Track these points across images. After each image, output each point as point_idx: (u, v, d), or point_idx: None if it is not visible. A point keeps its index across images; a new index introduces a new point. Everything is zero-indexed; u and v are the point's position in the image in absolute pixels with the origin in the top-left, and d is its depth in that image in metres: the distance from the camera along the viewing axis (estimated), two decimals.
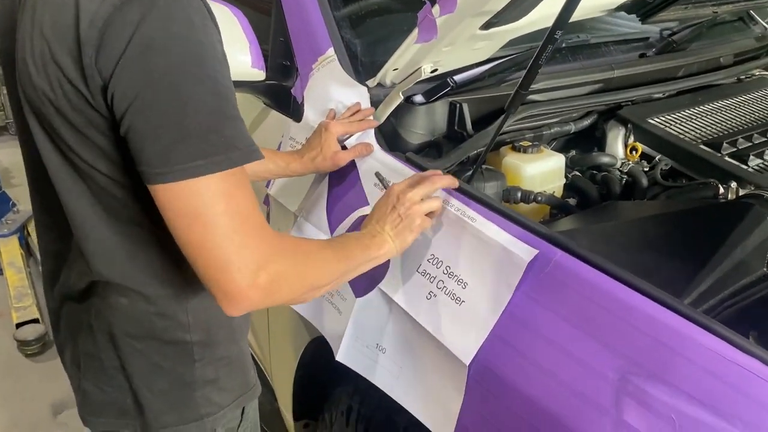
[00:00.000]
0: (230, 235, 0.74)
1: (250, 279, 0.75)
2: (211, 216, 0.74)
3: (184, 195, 0.73)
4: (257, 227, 0.77)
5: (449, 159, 1.26)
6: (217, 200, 0.74)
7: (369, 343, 1.11)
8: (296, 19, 1.46)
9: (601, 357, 0.86)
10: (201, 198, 0.73)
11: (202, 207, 0.73)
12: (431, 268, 1.03)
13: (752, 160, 1.38)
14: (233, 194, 0.75)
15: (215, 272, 0.75)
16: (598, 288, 0.89)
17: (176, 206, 0.74)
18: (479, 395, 0.96)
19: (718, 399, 0.77)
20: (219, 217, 0.74)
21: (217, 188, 0.74)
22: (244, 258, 0.75)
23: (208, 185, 0.73)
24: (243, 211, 0.76)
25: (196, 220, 0.74)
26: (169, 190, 0.73)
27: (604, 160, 1.43)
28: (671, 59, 1.69)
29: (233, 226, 0.75)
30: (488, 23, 1.14)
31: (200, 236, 0.74)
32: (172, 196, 0.74)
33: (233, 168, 0.75)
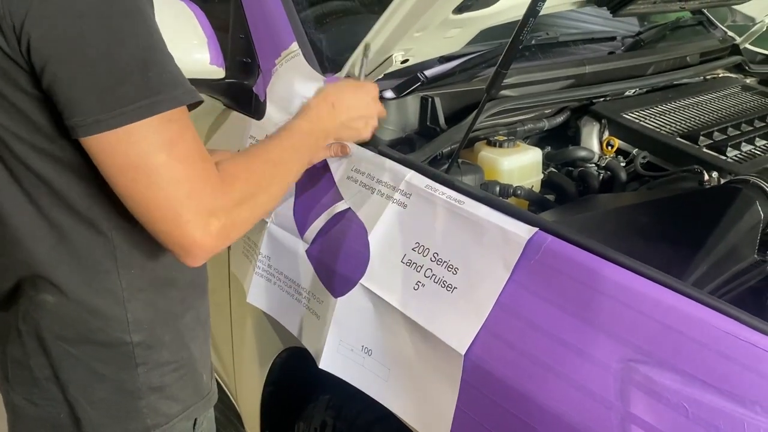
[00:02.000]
0: (176, 185, 0.69)
1: (203, 228, 0.71)
2: (154, 166, 0.68)
3: (124, 144, 0.67)
4: (203, 173, 0.72)
5: (423, 153, 1.20)
6: (159, 147, 0.68)
7: (354, 346, 1.02)
8: (257, 14, 1.39)
9: (602, 346, 0.79)
10: (142, 145, 0.67)
11: (144, 156, 0.67)
12: (416, 256, 0.96)
13: (730, 151, 1.35)
14: (176, 139, 0.69)
15: (165, 226, 0.71)
16: (595, 272, 0.83)
17: (116, 159, 0.68)
18: (471, 396, 0.88)
19: (734, 383, 0.71)
20: (163, 167, 0.68)
21: (158, 133, 0.68)
22: (192, 208, 0.70)
23: (148, 130, 0.67)
24: (188, 157, 0.70)
25: (139, 171, 0.68)
26: (105, 141, 0.67)
27: (581, 155, 1.38)
28: (641, 56, 1.68)
29: (178, 176, 0.69)
30: (461, 7, 1.09)
31: (144, 190, 0.69)
32: (109, 148, 0.67)
33: (174, 108, 0.69)
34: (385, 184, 1.05)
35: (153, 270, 0.85)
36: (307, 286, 1.13)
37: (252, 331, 1.42)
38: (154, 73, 0.68)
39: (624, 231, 1.10)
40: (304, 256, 1.12)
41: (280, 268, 1.20)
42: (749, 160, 1.34)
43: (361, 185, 1.09)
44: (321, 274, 1.10)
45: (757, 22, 1.99)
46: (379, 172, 1.08)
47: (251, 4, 1.40)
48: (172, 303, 0.88)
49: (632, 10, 1.43)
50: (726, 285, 1.04)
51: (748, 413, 0.69)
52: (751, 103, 1.68)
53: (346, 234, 1.07)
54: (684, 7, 1.57)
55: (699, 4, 1.61)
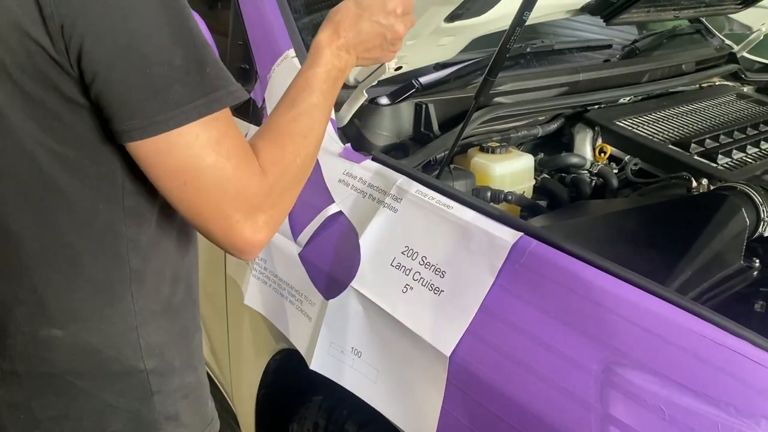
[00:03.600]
0: (224, 186, 0.68)
1: (252, 225, 0.71)
2: (204, 167, 0.67)
3: (176, 146, 0.66)
4: (248, 169, 0.70)
5: (416, 158, 1.22)
6: (208, 147, 0.67)
7: (344, 347, 1.04)
8: (255, 21, 1.42)
9: (583, 349, 0.81)
10: (193, 147, 0.66)
11: (195, 157, 0.67)
12: (406, 260, 0.97)
13: (721, 159, 1.37)
14: (222, 137, 0.68)
15: (217, 228, 0.70)
16: (577, 277, 0.85)
17: (168, 161, 0.66)
18: (457, 398, 0.90)
19: (709, 385, 0.72)
20: (211, 168, 0.67)
21: (207, 132, 0.66)
22: (241, 208, 0.70)
23: (199, 130, 0.66)
24: (233, 155, 0.69)
25: (188, 174, 0.67)
26: (160, 143, 0.65)
27: (573, 161, 1.40)
28: (636, 64, 1.70)
29: (227, 175, 0.68)
30: (453, 15, 1.11)
31: (195, 192, 0.68)
32: (163, 149, 0.66)
33: (220, 110, 0.67)
34: (377, 189, 1.07)
35: (166, 295, 0.81)
36: (299, 288, 1.14)
37: (247, 334, 1.44)
38: (211, 70, 0.67)
39: (612, 236, 1.12)
40: (297, 259, 1.14)
41: (275, 270, 1.22)
42: (739, 167, 1.35)
43: (353, 189, 1.11)
44: (313, 276, 1.12)
45: (754, 30, 2.01)
46: (371, 177, 1.10)
47: (249, 11, 1.43)
48: (184, 324, 0.85)
49: (625, 19, 1.44)
50: (712, 290, 1.05)
51: (722, 415, 0.70)
52: (745, 111, 1.70)
53: (338, 237, 1.09)
54: (678, 16, 1.59)
55: (693, 13, 1.63)
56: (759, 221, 1.11)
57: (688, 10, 1.59)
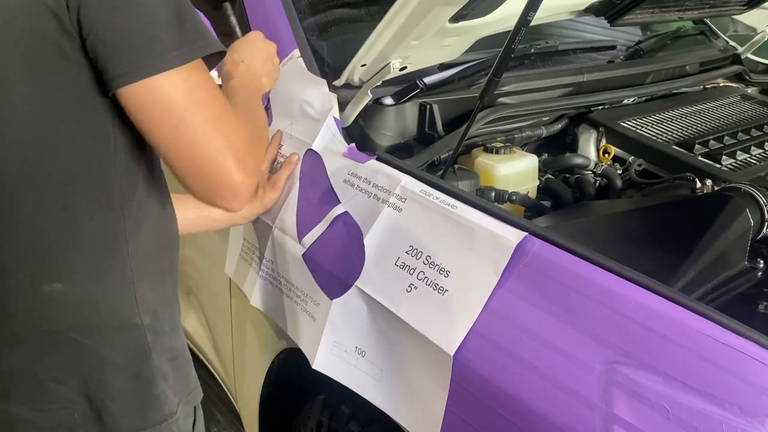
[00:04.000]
0: (216, 132, 0.75)
1: (244, 169, 0.78)
2: (193, 112, 0.73)
3: (161, 91, 0.72)
4: (232, 118, 0.77)
5: (420, 158, 1.22)
6: (194, 92, 0.73)
7: (347, 347, 1.04)
8: (260, 22, 1.42)
9: (587, 348, 0.81)
10: (178, 89, 0.72)
11: (181, 101, 0.73)
12: (410, 259, 0.98)
13: (725, 160, 1.37)
14: (206, 86, 0.75)
15: (211, 175, 0.77)
16: (580, 277, 0.85)
17: (155, 106, 0.72)
18: (461, 397, 0.90)
19: (714, 385, 0.72)
20: (201, 111, 0.74)
21: (192, 80, 0.73)
22: (233, 151, 0.76)
23: (183, 77, 0.72)
24: (217, 103, 0.76)
25: (178, 117, 0.73)
26: (143, 89, 0.71)
27: (578, 162, 1.40)
28: (640, 65, 1.70)
29: (216, 122, 0.75)
30: (458, 16, 1.11)
31: (187, 138, 0.74)
32: (147, 96, 0.72)
33: (202, 56, 0.74)
34: (381, 189, 1.08)
35: (156, 258, 0.86)
36: (304, 288, 1.15)
37: (251, 333, 1.45)
38: (190, 24, 0.74)
39: (616, 237, 1.12)
40: (301, 260, 1.15)
41: (282, 272, 1.23)
42: (743, 168, 1.35)
43: (358, 189, 1.11)
44: (317, 276, 1.12)
45: (759, 32, 2.01)
46: (375, 177, 1.10)
47: (254, 11, 1.44)
48: (169, 290, 0.90)
49: (629, 20, 1.44)
50: (716, 291, 1.05)
51: (726, 414, 0.70)
52: (750, 112, 1.70)
53: (343, 237, 1.09)
54: (682, 17, 1.59)
55: (697, 14, 1.63)
56: (763, 222, 1.11)
57: (693, 11, 1.59)
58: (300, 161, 1.22)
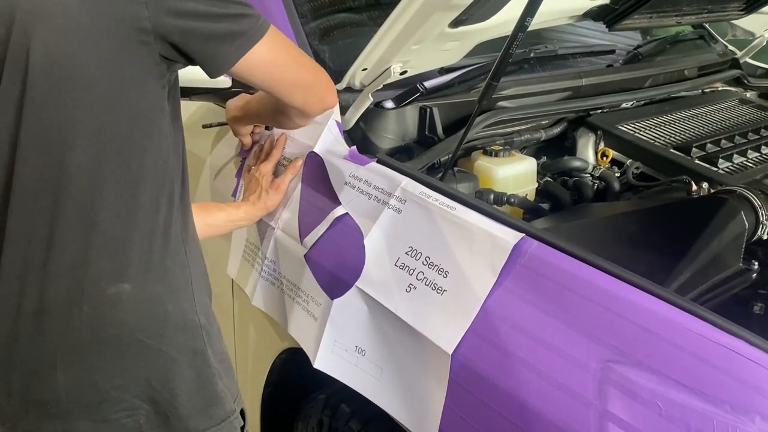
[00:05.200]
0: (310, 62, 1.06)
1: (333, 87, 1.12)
2: (294, 53, 0.99)
3: (270, 47, 0.89)
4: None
5: (420, 161, 1.24)
6: (285, 46, 0.96)
7: (348, 346, 1.06)
8: None
9: (582, 347, 0.83)
10: (277, 44, 0.92)
11: (285, 49, 0.96)
12: (409, 260, 1.00)
13: (722, 163, 1.38)
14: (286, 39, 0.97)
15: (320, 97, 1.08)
16: (576, 277, 0.87)
17: (270, 59, 0.91)
18: (459, 395, 0.92)
19: (705, 383, 0.74)
20: (295, 50, 1.00)
21: (278, 38, 0.93)
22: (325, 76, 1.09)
23: (274, 36, 0.90)
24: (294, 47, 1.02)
25: (290, 58, 0.98)
26: (255, 54, 0.87)
27: (576, 165, 1.42)
28: (638, 69, 1.71)
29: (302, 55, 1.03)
30: (457, 21, 1.13)
31: (298, 71, 1.00)
32: (260, 55, 0.88)
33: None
34: (382, 191, 1.09)
35: (201, 259, 0.93)
36: (305, 288, 1.17)
37: (253, 333, 1.47)
38: (251, 10, 0.87)
39: (613, 238, 1.14)
40: (303, 260, 1.16)
41: (283, 272, 1.25)
42: (740, 171, 1.37)
43: (359, 191, 1.13)
44: (319, 276, 1.14)
45: (757, 36, 2.02)
46: (376, 179, 1.12)
47: None
48: (208, 290, 0.94)
49: (628, 25, 1.46)
50: (711, 292, 1.07)
51: (718, 412, 0.72)
52: (748, 116, 1.71)
53: (343, 238, 1.11)
54: (680, 22, 1.60)
55: (695, 19, 1.64)
56: (758, 224, 1.13)
57: (691, 16, 1.60)
58: (303, 164, 1.24)
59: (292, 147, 1.30)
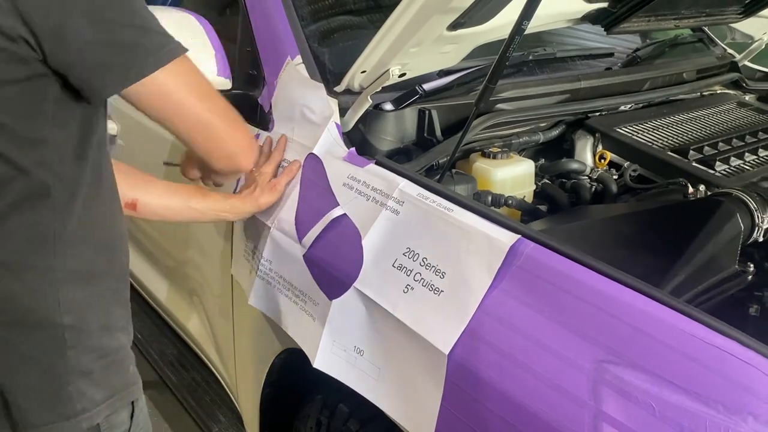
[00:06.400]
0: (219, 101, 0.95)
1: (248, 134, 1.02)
2: (200, 89, 0.89)
3: (166, 78, 0.83)
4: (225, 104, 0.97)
5: (419, 163, 1.25)
6: (195, 83, 0.88)
7: (346, 346, 1.07)
8: (263, 28, 1.45)
9: (577, 348, 0.84)
10: (179, 76, 0.85)
11: (179, 92, 0.86)
12: (407, 261, 1.00)
13: (719, 166, 1.39)
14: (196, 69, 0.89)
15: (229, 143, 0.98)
16: (571, 278, 0.88)
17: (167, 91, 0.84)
18: (456, 395, 0.92)
19: (698, 383, 0.75)
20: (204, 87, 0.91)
21: (185, 67, 0.86)
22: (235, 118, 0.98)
23: (180, 67, 0.84)
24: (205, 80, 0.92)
25: (194, 96, 0.88)
26: (150, 82, 0.81)
27: (573, 167, 1.43)
28: (637, 72, 1.72)
29: (215, 93, 0.94)
30: (456, 24, 1.14)
31: (200, 113, 0.90)
32: (157, 84, 0.82)
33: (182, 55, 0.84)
34: (380, 192, 1.10)
35: (89, 259, 0.87)
36: (304, 288, 1.17)
37: (252, 333, 1.47)
38: (160, 29, 0.81)
39: (610, 240, 1.14)
40: (302, 260, 1.17)
41: (280, 271, 1.25)
42: (737, 174, 1.37)
43: (357, 192, 1.14)
44: (317, 277, 1.15)
45: (756, 40, 2.03)
46: (374, 180, 1.13)
47: (258, 18, 1.47)
48: (105, 292, 0.90)
49: (626, 28, 1.47)
50: (707, 293, 1.07)
51: (710, 412, 0.73)
52: (746, 119, 1.72)
53: (342, 239, 1.12)
54: (678, 25, 1.61)
55: (693, 23, 1.65)
56: (754, 226, 1.13)
57: (689, 19, 1.61)
58: (301, 167, 1.25)
59: (290, 149, 1.30)
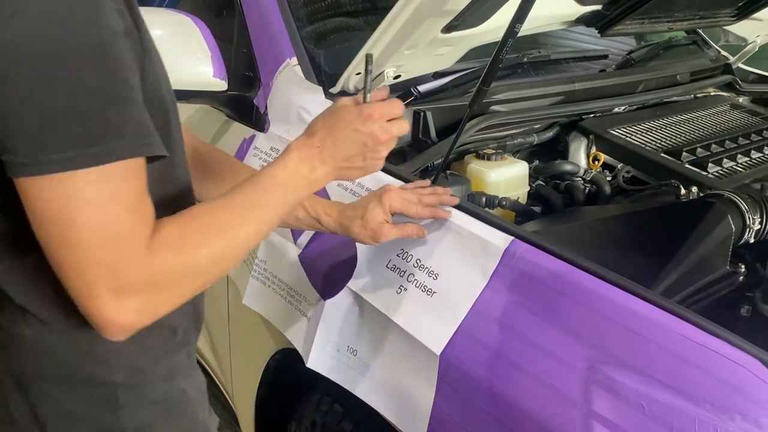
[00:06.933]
0: (91, 251, 0.61)
1: (116, 305, 0.63)
2: (74, 225, 0.60)
3: (49, 193, 0.59)
4: (129, 241, 0.62)
5: (413, 164, 1.25)
6: (85, 203, 0.60)
7: (340, 346, 1.08)
8: (259, 30, 1.46)
9: (569, 348, 0.84)
10: (67, 199, 0.59)
11: (66, 210, 0.60)
12: (401, 262, 1.01)
13: (711, 167, 1.40)
14: (108, 198, 0.61)
15: (77, 293, 0.63)
16: (563, 278, 0.88)
17: (38, 206, 0.60)
18: (448, 395, 0.93)
19: (688, 383, 0.76)
20: (83, 228, 0.60)
21: (89, 188, 0.60)
22: (105, 281, 0.62)
23: (78, 183, 0.59)
24: (116, 222, 0.62)
25: (59, 226, 0.60)
26: (32, 186, 0.59)
27: (567, 168, 1.43)
28: (630, 74, 1.73)
29: (98, 241, 0.61)
30: (450, 26, 1.15)
31: (62, 249, 0.61)
32: (34, 193, 0.60)
33: (114, 162, 0.60)
34: None
35: None
36: (298, 289, 1.18)
37: (248, 333, 1.48)
38: (94, 122, 0.59)
39: (603, 241, 1.15)
40: (297, 261, 1.18)
41: (275, 272, 1.26)
42: (729, 176, 1.38)
43: (351, 193, 1.14)
44: (311, 277, 1.15)
45: (749, 42, 2.04)
46: (368, 182, 1.13)
47: (254, 20, 1.47)
48: (166, 341, 0.81)
49: (619, 30, 1.48)
50: (698, 294, 1.08)
51: (699, 411, 0.74)
52: (739, 121, 1.73)
53: (336, 239, 1.12)
54: (672, 28, 1.62)
55: (687, 25, 1.66)
56: (745, 228, 1.14)
57: (683, 22, 1.62)
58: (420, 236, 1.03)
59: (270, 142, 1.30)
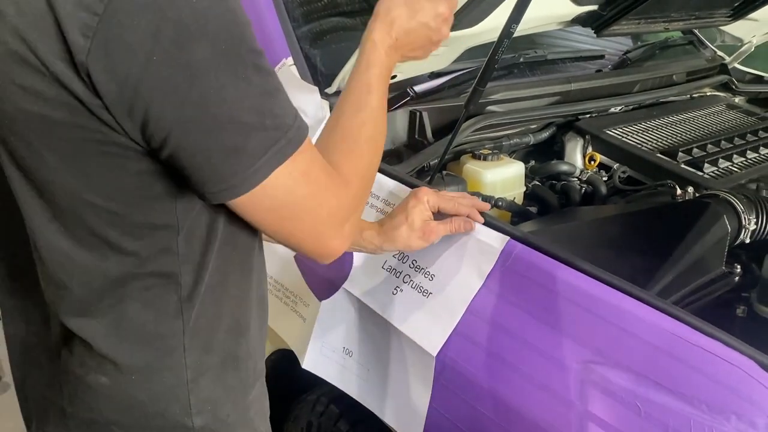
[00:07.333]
0: (317, 211, 0.71)
1: (341, 237, 0.74)
2: (296, 201, 0.69)
3: (267, 192, 0.66)
4: (333, 189, 0.72)
5: (409, 164, 1.25)
6: (297, 183, 0.68)
7: (336, 347, 1.07)
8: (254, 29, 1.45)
9: (565, 349, 0.84)
10: (283, 188, 0.67)
11: (285, 196, 0.68)
12: (396, 263, 1.01)
13: (707, 167, 1.40)
14: (307, 171, 0.69)
15: (312, 246, 0.73)
16: (559, 279, 0.88)
17: (262, 207, 0.68)
18: (444, 395, 0.93)
19: (683, 383, 0.76)
20: (303, 198, 0.69)
21: (292, 173, 0.67)
22: (331, 225, 0.72)
23: (284, 171, 0.66)
24: (320, 181, 0.70)
25: (285, 209, 0.69)
26: (248, 197, 0.66)
27: (563, 169, 1.43)
28: (627, 74, 1.73)
29: (318, 201, 0.70)
30: None
31: (291, 223, 0.70)
32: (254, 201, 0.66)
33: (297, 148, 0.67)
34: (370, 194, 1.11)
35: (225, 343, 0.77)
36: (294, 289, 1.18)
37: None
38: (270, 120, 0.64)
39: (599, 242, 1.15)
40: (293, 261, 1.18)
41: (272, 273, 1.26)
42: (725, 176, 1.38)
43: None
44: (307, 278, 1.15)
45: (745, 42, 2.04)
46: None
47: None
48: (244, 375, 0.81)
49: (615, 31, 1.48)
50: (694, 294, 1.09)
51: (695, 411, 0.74)
52: (734, 121, 1.73)
53: None
54: (668, 28, 1.62)
55: (683, 26, 1.66)
56: (740, 228, 1.14)
57: (678, 22, 1.62)
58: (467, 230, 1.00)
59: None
